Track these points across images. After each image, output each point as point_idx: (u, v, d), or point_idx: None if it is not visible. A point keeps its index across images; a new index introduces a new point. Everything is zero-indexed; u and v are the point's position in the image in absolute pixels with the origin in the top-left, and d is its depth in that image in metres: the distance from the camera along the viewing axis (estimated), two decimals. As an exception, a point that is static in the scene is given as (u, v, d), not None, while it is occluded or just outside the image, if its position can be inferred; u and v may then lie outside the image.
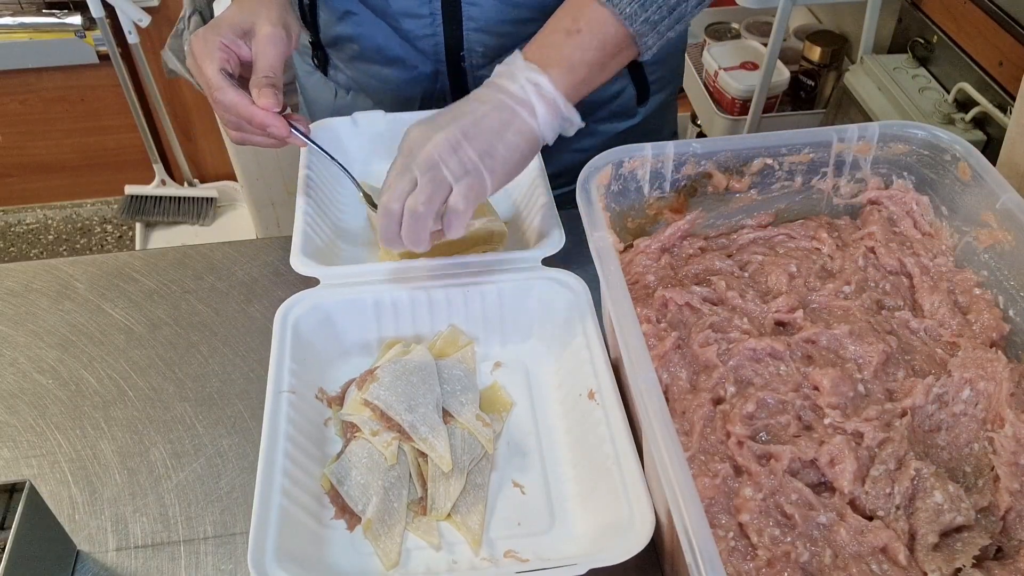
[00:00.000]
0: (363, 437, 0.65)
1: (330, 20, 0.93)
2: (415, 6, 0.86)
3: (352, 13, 0.90)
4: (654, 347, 0.64)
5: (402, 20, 0.88)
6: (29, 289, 0.85)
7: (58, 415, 0.73)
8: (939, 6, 1.42)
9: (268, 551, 0.54)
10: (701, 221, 0.75)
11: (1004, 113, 1.23)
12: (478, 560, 0.61)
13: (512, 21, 0.86)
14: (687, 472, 0.48)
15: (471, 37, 0.87)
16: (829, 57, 1.63)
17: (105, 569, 0.63)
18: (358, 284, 0.72)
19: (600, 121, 0.95)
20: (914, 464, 0.56)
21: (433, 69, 0.91)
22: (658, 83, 0.98)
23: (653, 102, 0.98)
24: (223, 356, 0.78)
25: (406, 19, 0.87)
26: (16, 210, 2.50)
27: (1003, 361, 0.62)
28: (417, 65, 0.91)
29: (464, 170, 0.64)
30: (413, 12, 0.86)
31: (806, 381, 0.63)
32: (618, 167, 0.70)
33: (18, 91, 2.19)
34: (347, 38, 0.93)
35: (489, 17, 0.85)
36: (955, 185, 0.70)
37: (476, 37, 0.87)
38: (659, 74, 0.97)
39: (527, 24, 0.85)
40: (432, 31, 0.87)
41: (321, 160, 0.87)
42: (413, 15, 0.87)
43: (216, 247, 0.89)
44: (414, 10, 0.86)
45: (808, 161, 0.73)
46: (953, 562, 0.52)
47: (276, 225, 2.10)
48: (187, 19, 1.82)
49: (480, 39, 0.87)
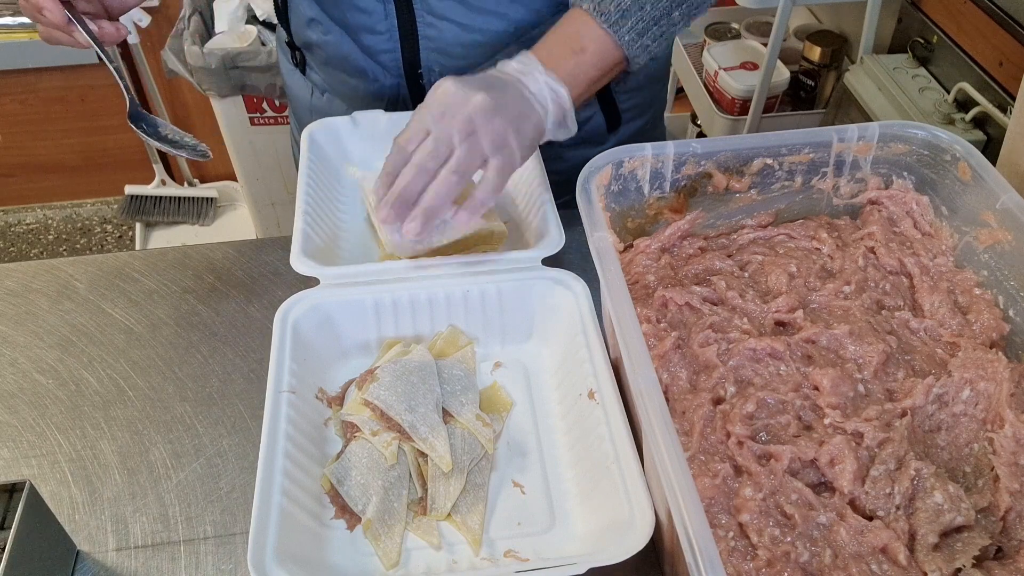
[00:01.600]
0: (363, 437, 0.65)
1: (299, 24, 0.95)
2: (373, 22, 0.87)
3: (317, 21, 0.92)
4: (654, 347, 0.64)
5: (361, 34, 0.89)
6: (29, 289, 0.85)
7: (58, 415, 0.73)
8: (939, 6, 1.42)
9: (268, 551, 0.54)
10: (701, 221, 0.75)
11: (1004, 113, 1.23)
12: (478, 560, 0.61)
13: (468, 44, 0.87)
14: (687, 472, 0.48)
15: (428, 56, 0.89)
16: (829, 57, 1.63)
17: (105, 569, 0.63)
18: (358, 284, 0.72)
19: (567, 148, 0.85)
20: (914, 464, 0.56)
21: (394, 82, 0.92)
22: (633, 110, 0.98)
23: (627, 129, 0.99)
24: (223, 356, 0.78)
25: (365, 34, 0.89)
26: (16, 210, 2.50)
27: (1003, 362, 0.62)
28: (379, 78, 0.92)
29: (497, 145, 0.65)
30: (371, 28, 0.88)
31: (806, 381, 0.63)
32: (618, 167, 0.70)
33: (18, 91, 2.19)
34: (315, 44, 0.94)
35: (445, 39, 0.87)
36: (955, 185, 0.70)
37: (433, 56, 0.89)
38: (634, 102, 0.97)
39: (482, 48, 0.87)
40: (390, 47, 0.89)
41: (321, 160, 0.87)
42: (371, 31, 0.88)
43: (216, 247, 0.89)
44: (372, 25, 0.88)
45: (808, 161, 0.73)
46: (953, 562, 0.52)
47: (276, 225, 2.10)
48: (187, 19, 1.82)
49: (437, 59, 0.89)
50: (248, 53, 1.73)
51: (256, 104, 1.85)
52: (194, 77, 1.79)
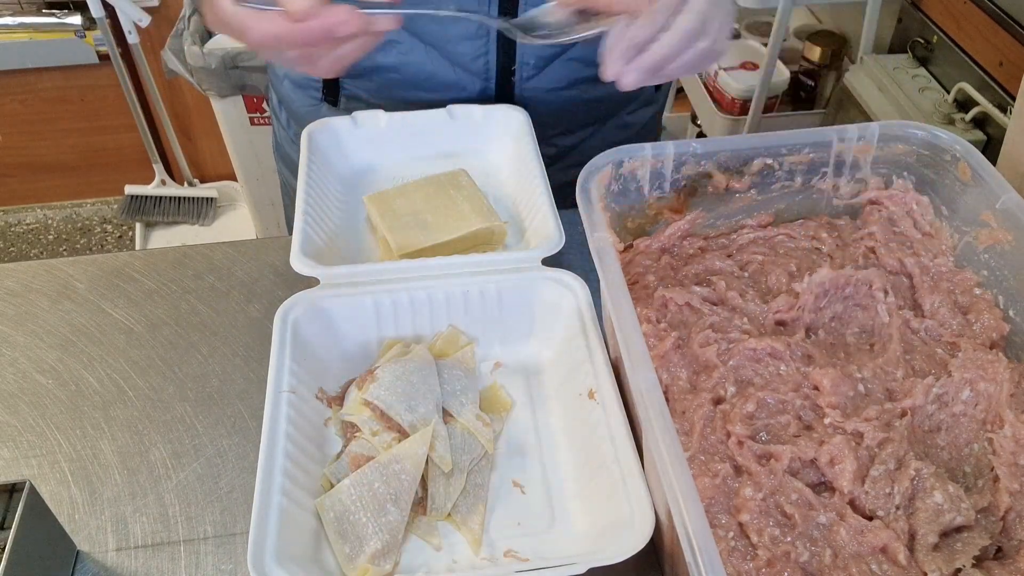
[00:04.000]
0: (363, 437, 0.65)
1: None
2: (473, 28, 0.86)
3: (396, 42, 0.89)
4: (654, 347, 0.64)
5: (458, 44, 0.88)
6: (29, 289, 0.85)
7: (58, 415, 0.73)
8: (939, 6, 1.42)
9: (268, 551, 0.54)
10: (701, 221, 0.75)
11: (1004, 113, 1.23)
12: (478, 560, 0.60)
13: None
14: (687, 472, 0.48)
15: (524, 48, 0.88)
16: (829, 57, 1.63)
17: (105, 569, 0.63)
18: (358, 284, 0.72)
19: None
20: (914, 464, 0.56)
21: (481, 88, 0.91)
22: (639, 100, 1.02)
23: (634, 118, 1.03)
24: (223, 356, 0.78)
25: (463, 42, 0.87)
26: (16, 210, 2.50)
27: (1003, 362, 0.62)
28: (466, 86, 0.91)
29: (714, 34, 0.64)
30: (470, 34, 0.87)
31: (806, 381, 0.63)
32: (618, 167, 0.70)
33: (18, 91, 2.19)
34: (386, 68, 0.91)
35: None
36: (955, 185, 0.70)
37: (529, 49, 0.88)
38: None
39: None
40: (485, 50, 0.88)
41: (321, 160, 0.87)
42: (470, 37, 0.87)
43: (216, 247, 0.89)
44: (471, 32, 0.86)
45: (808, 161, 0.73)
46: (953, 562, 0.52)
47: (276, 225, 2.10)
48: (187, 19, 1.82)
49: (533, 50, 0.88)
50: (248, 53, 1.73)
51: (256, 104, 1.85)
52: (194, 77, 1.79)
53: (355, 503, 0.60)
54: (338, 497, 0.61)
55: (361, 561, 0.58)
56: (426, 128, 0.90)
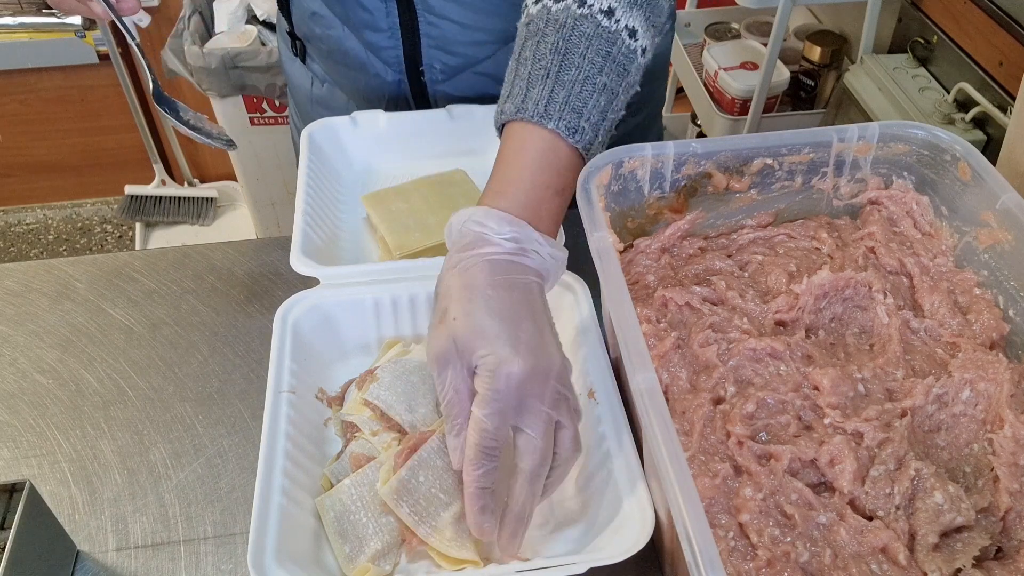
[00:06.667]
0: (363, 437, 0.65)
1: (301, 16, 0.96)
2: (375, 19, 0.88)
3: (319, 15, 0.92)
4: (654, 347, 0.64)
5: (363, 31, 0.90)
6: (29, 289, 0.85)
7: (58, 415, 0.73)
8: (939, 6, 1.42)
9: (268, 551, 0.54)
10: (701, 221, 0.75)
11: (1004, 113, 1.23)
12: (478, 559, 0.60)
13: (469, 43, 0.88)
14: (687, 472, 0.48)
15: (429, 53, 0.89)
16: (829, 57, 1.63)
17: (105, 569, 0.63)
18: (358, 284, 0.72)
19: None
20: (914, 464, 0.56)
21: (396, 78, 0.93)
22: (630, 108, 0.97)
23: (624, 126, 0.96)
24: (223, 356, 0.78)
25: (367, 31, 0.89)
26: (16, 210, 2.50)
27: (1003, 363, 0.62)
28: (380, 73, 0.93)
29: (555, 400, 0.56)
30: (373, 25, 0.89)
31: (806, 381, 0.63)
32: (618, 167, 0.70)
33: (18, 91, 2.19)
34: (317, 37, 0.95)
35: (446, 36, 0.88)
36: (955, 185, 0.70)
37: (434, 54, 0.89)
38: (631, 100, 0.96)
39: (483, 46, 0.88)
40: (392, 44, 0.90)
41: (321, 160, 0.87)
42: (373, 28, 0.89)
43: (216, 247, 0.89)
44: (374, 23, 0.88)
45: (808, 161, 0.73)
46: (953, 562, 0.52)
47: (276, 225, 2.10)
48: (187, 19, 1.82)
49: (438, 56, 0.90)
50: (248, 53, 1.73)
51: (256, 104, 1.85)
52: (194, 77, 1.79)
53: (355, 503, 0.60)
54: (338, 497, 0.61)
55: (361, 561, 0.58)
56: (426, 128, 0.90)
